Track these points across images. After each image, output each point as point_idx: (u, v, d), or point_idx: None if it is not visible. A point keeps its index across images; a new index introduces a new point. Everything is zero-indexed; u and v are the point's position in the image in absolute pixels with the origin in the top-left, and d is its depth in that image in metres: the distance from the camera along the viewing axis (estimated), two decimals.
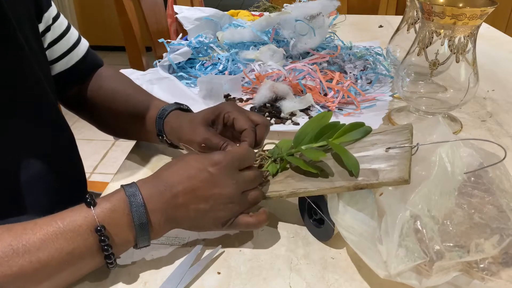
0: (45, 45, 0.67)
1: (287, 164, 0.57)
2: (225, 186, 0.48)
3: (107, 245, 0.44)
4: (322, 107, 0.87)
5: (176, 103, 0.69)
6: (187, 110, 0.69)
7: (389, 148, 0.53)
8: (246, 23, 1.25)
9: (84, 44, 0.75)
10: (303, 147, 0.56)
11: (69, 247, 0.42)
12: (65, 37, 0.70)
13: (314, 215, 0.54)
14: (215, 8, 1.29)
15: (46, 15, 0.66)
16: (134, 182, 0.48)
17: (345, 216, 0.49)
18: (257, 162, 0.58)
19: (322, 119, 0.58)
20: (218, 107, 0.62)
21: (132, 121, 0.70)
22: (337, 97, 0.88)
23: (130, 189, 0.46)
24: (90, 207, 0.44)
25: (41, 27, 0.65)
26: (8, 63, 0.56)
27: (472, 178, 0.51)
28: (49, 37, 0.68)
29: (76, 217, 0.43)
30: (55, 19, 0.69)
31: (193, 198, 0.47)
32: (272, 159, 0.58)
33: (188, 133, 0.62)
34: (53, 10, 0.68)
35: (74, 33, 0.73)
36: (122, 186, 0.47)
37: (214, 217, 0.49)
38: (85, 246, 0.43)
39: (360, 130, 0.57)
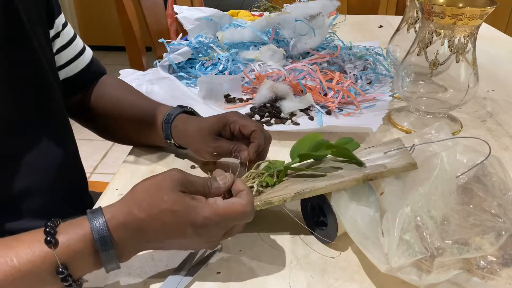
0: (54, 51, 0.68)
1: (284, 177, 0.56)
2: (204, 241, 0.46)
3: (73, 281, 0.41)
4: (322, 107, 0.87)
5: (179, 106, 0.69)
6: (191, 112, 0.70)
7: (387, 151, 0.54)
8: (246, 23, 1.25)
9: (89, 53, 0.76)
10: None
11: (27, 286, 0.40)
12: (72, 44, 0.72)
13: (317, 217, 0.54)
14: (215, 8, 1.30)
15: (57, 21, 0.68)
16: (101, 213, 0.42)
17: (349, 208, 0.49)
18: (250, 181, 0.55)
19: (314, 137, 0.58)
20: (223, 118, 0.63)
21: (136, 127, 0.71)
22: (337, 97, 0.88)
23: (96, 226, 0.41)
24: (51, 247, 0.40)
25: (52, 32, 0.67)
26: (22, 64, 0.58)
27: (473, 180, 0.51)
28: (58, 43, 0.69)
29: (34, 258, 0.39)
30: (64, 26, 0.70)
31: (168, 243, 0.45)
32: (268, 173, 0.56)
33: (198, 142, 0.64)
34: (62, 18, 0.70)
35: (79, 42, 0.74)
36: (88, 217, 0.42)
37: (192, 247, 0.49)
38: (46, 284, 0.41)
39: (351, 144, 0.58)
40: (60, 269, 0.40)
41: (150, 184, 0.44)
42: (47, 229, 0.40)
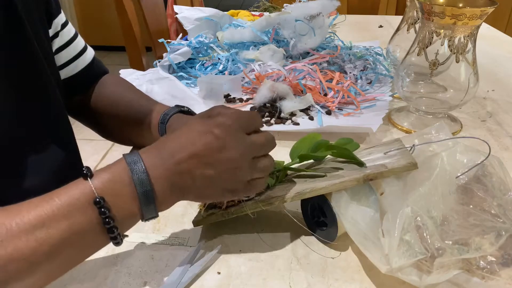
0: (53, 51, 0.68)
1: (284, 177, 0.57)
2: (232, 149, 0.44)
3: (108, 217, 0.40)
4: (322, 107, 0.87)
5: (177, 106, 0.69)
6: (188, 112, 0.69)
7: (387, 151, 0.54)
8: (246, 23, 1.25)
9: (90, 53, 0.76)
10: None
11: (67, 222, 0.39)
12: (72, 44, 0.71)
13: (317, 217, 0.54)
14: (215, 8, 1.30)
15: (55, 21, 0.67)
16: (136, 150, 0.45)
17: (349, 208, 0.49)
18: None
19: (314, 138, 0.58)
20: (208, 111, 0.61)
21: (135, 127, 0.70)
22: (337, 97, 0.88)
23: (131, 157, 0.43)
24: (87, 179, 0.41)
25: (50, 32, 0.67)
26: (21, 64, 0.57)
27: (473, 180, 0.51)
28: (57, 43, 0.69)
29: (73, 191, 0.40)
30: (64, 26, 0.70)
31: (198, 164, 0.44)
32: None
33: None
34: (62, 17, 0.69)
35: (81, 41, 0.74)
36: (123, 155, 0.44)
37: (221, 185, 0.46)
38: (85, 221, 0.40)
39: (351, 145, 0.58)
40: (97, 199, 0.40)
41: None
42: (84, 167, 0.42)
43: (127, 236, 0.46)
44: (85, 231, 0.40)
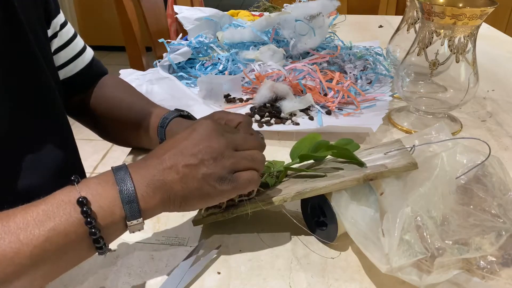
0: (52, 51, 0.68)
1: (284, 177, 0.56)
2: (212, 139, 0.47)
3: (89, 216, 0.40)
4: (322, 107, 0.87)
5: (176, 109, 0.69)
6: (187, 116, 0.69)
7: (387, 152, 0.54)
8: (246, 23, 1.25)
9: (89, 53, 0.76)
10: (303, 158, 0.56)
11: (51, 224, 0.39)
12: (71, 44, 0.71)
13: (317, 217, 0.54)
14: (215, 8, 1.30)
15: (54, 21, 0.67)
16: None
17: (349, 208, 0.49)
18: None
19: (314, 138, 0.58)
20: (209, 116, 0.61)
21: (134, 129, 0.70)
22: (337, 97, 0.88)
23: (117, 166, 0.46)
24: (74, 184, 0.42)
25: (49, 33, 0.67)
26: (21, 65, 0.57)
27: (473, 180, 0.51)
28: (56, 44, 0.69)
29: (58, 195, 0.42)
30: (63, 26, 0.70)
31: (180, 157, 0.45)
32: (268, 174, 0.56)
33: None
34: (61, 17, 0.69)
35: (80, 42, 0.74)
36: (111, 167, 0.46)
37: (205, 174, 0.45)
38: (67, 221, 0.40)
39: (351, 145, 0.58)
40: (80, 199, 0.40)
41: None
42: (73, 176, 0.43)
43: (114, 250, 0.46)
44: (68, 231, 0.40)
